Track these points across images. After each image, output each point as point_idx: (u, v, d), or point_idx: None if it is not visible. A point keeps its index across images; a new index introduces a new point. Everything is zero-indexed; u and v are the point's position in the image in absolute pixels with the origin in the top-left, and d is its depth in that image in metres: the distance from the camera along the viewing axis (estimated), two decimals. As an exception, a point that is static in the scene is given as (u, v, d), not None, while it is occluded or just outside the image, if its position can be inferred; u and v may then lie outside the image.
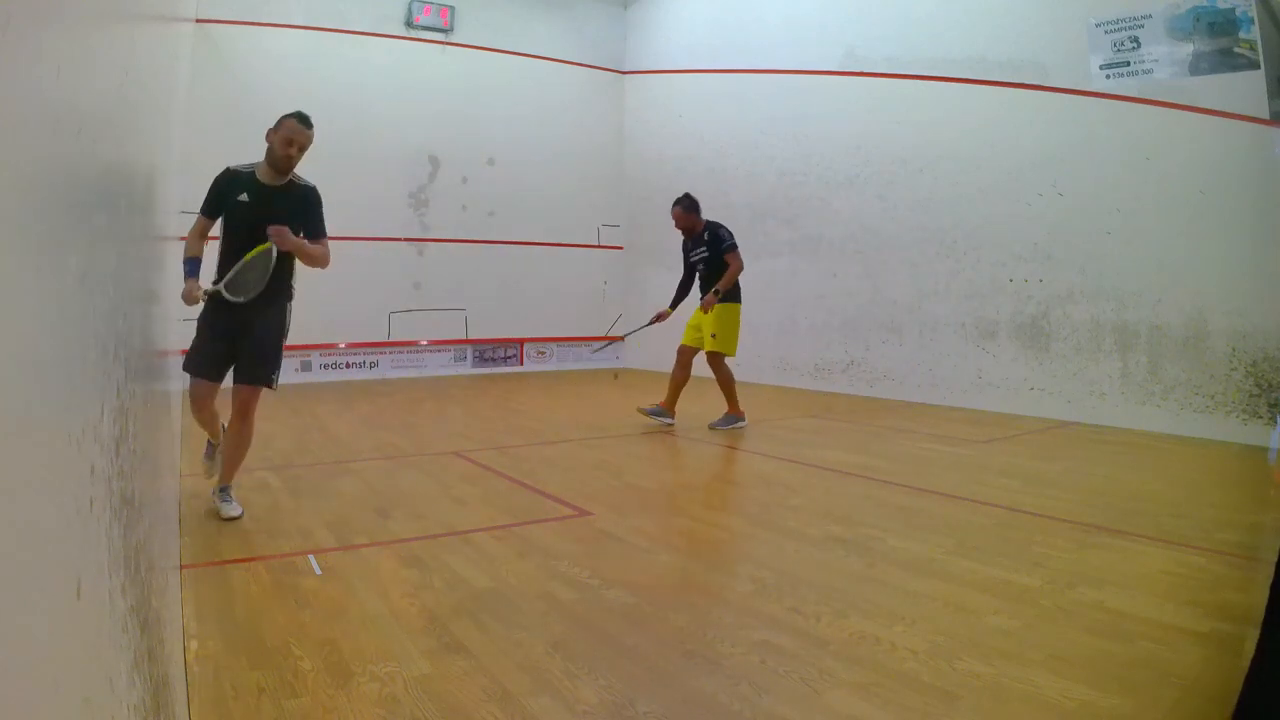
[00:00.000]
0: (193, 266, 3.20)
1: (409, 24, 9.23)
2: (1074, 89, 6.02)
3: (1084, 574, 2.66)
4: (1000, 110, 6.53)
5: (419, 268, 9.41)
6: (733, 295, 5.60)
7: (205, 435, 3.60)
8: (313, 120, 3.34)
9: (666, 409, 5.71)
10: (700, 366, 5.66)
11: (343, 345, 8.99)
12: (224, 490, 3.36)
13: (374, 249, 9.08)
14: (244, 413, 3.33)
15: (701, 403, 6.94)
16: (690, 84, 9.82)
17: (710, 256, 5.64)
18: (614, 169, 10.85)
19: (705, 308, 5.54)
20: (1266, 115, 5.04)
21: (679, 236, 5.91)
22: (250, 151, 3.32)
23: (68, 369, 0.60)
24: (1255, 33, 5.10)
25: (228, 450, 3.38)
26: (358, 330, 9.04)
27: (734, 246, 5.62)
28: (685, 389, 5.71)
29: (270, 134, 3.28)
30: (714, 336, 5.52)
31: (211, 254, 3.39)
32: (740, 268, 5.59)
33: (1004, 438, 5.39)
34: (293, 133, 3.25)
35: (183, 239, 3.36)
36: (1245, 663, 1.49)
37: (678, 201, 5.75)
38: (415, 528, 3.21)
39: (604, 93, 10.75)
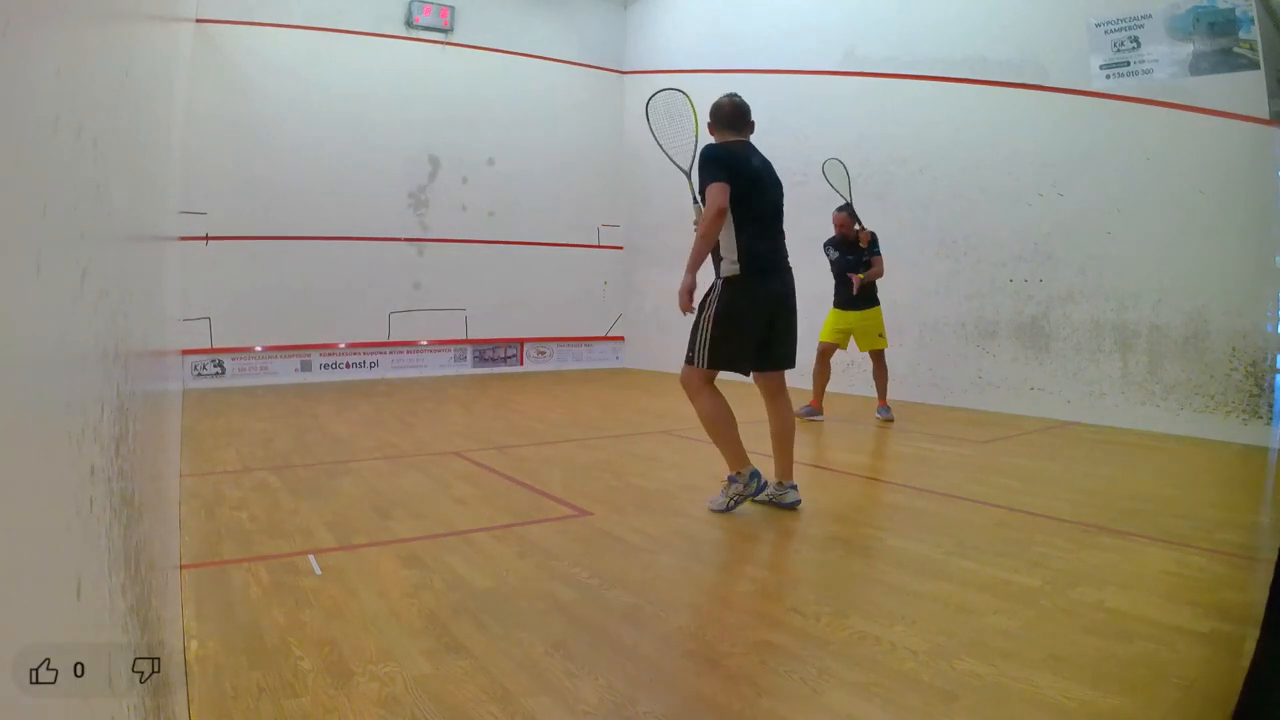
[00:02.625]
0: None
1: (409, 24, 9.22)
2: (1074, 89, 6.02)
3: (1084, 574, 2.66)
4: (1000, 110, 6.53)
5: (419, 268, 9.41)
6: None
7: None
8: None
9: (816, 408, 6.16)
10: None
11: (343, 345, 8.99)
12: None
13: (374, 249, 9.08)
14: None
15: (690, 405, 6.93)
16: (690, 84, 9.76)
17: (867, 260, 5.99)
18: (614, 169, 10.85)
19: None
20: (1266, 115, 5.04)
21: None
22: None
23: (68, 369, 0.60)
24: (1255, 33, 5.10)
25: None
26: (358, 330, 9.04)
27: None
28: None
29: None
30: (881, 335, 6.06)
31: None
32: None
33: (1004, 438, 5.39)
34: None
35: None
36: (1245, 663, 1.49)
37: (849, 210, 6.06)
38: (415, 528, 3.21)
39: (604, 93, 10.74)
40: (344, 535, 3.11)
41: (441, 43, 9.47)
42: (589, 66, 10.60)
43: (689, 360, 3.39)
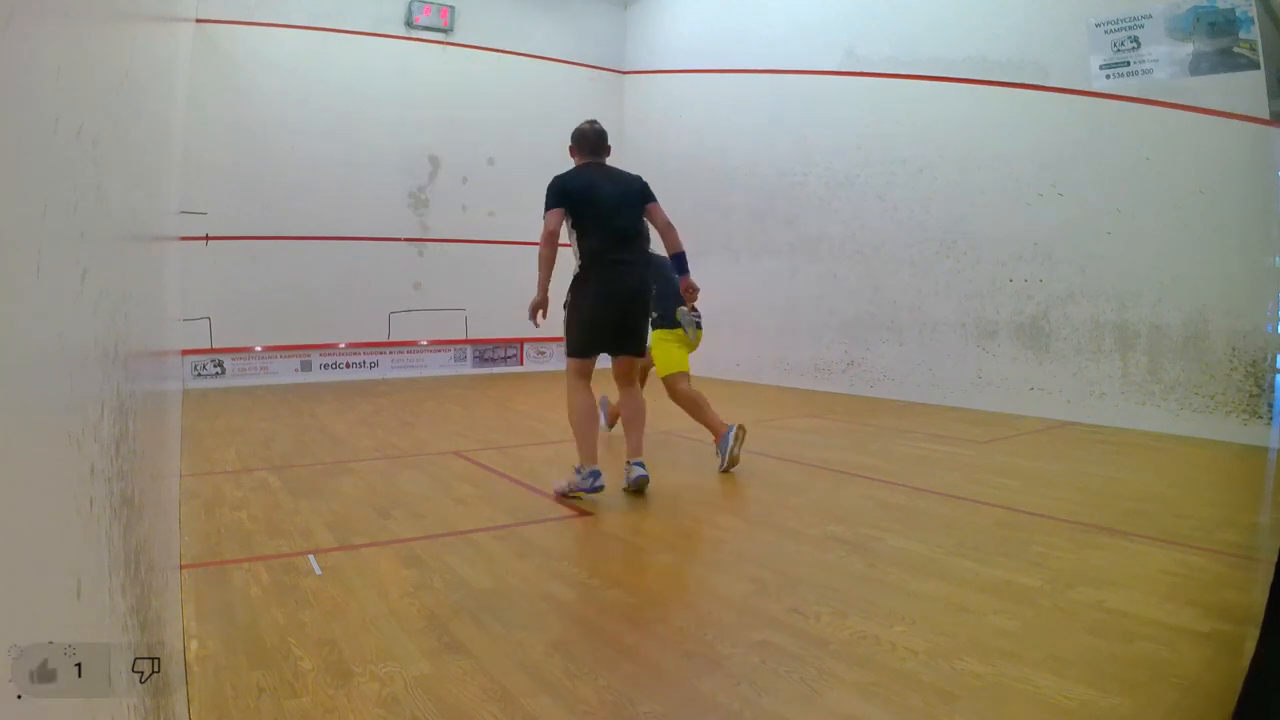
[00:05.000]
0: None
1: (409, 24, 9.23)
2: (1074, 89, 6.02)
3: (1084, 574, 2.66)
4: (1000, 110, 6.53)
5: (419, 268, 9.41)
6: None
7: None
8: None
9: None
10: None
11: (343, 345, 8.99)
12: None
13: (374, 249, 9.08)
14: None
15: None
16: (690, 84, 9.82)
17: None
18: (614, 169, 10.84)
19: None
20: (1266, 115, 5.04)
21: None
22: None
23: (68, 369, 0.60)
24: (1255, 33, 5.10)
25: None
26: (358, 330, 9.04)
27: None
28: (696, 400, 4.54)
29: None
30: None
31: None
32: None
33: (1004, 438, 5.38)
34: None
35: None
36: (1245, 663, 1.49)
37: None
38: (415, 528, 3.21)
39: (604, 93, 10.74)
40: (344, 535, 3.11)
41: (441, 43, 9.47)
42: (589, 66, 10.60)
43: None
